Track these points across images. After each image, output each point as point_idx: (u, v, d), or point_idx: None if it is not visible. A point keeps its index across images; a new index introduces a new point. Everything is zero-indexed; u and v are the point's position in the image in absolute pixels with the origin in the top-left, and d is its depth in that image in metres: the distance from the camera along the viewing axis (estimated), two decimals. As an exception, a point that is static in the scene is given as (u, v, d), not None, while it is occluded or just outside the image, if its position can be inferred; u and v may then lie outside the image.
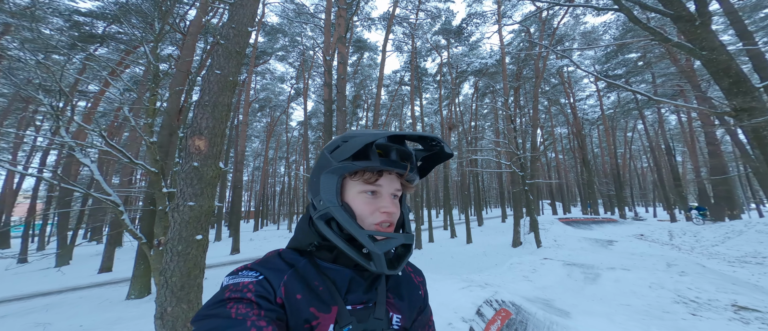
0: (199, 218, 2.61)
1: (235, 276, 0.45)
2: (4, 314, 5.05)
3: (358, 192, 0.49)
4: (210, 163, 2.78)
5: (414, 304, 0.56)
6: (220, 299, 0.41)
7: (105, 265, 8.84)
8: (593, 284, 4.93)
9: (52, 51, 9.00)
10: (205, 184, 2.71)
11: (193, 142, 2.71)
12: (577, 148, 23.27)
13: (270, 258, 0.49)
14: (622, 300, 4.13)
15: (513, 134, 10.16)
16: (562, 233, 11.06)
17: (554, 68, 19.89)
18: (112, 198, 4.55)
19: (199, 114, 2.77)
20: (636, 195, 35.77)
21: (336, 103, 6.15)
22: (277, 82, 22.16)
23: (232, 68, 2.97)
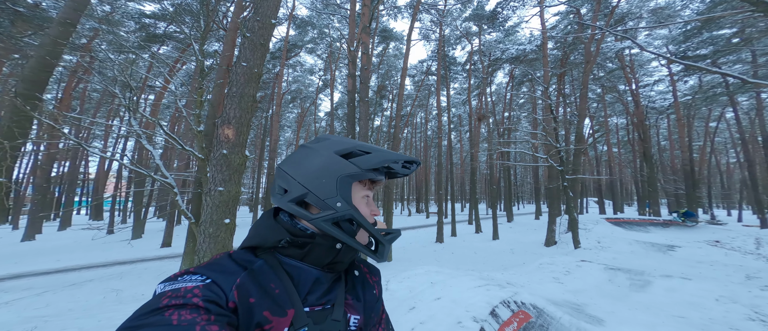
0: (228, 202, 2.85)
1: (173, 282, 0.41)
2: (92, 278, 6.23)
3: (361, 196, 0.53)
4: (237, 151, 3.01)
5: (370, 303, 0.57)
6: (155, 308, 0.36)
7: (166, 240, 10.39)
8: (640, 291, 4.35)
9: (127, 51, 10.56)
10: (233, 170, 2.94)
11: (223, 131, 2.94)
12: (638, 140, 20.17)
13: (218, 260, 0.47)
14: (674, 311, 3.58)
15: (553, 125, 9.18)
16: (609, 234, 9.87)
17: (611, 51, 17.24)
18: (168, 181, 5.27)
19: (228, 104, 2.98)
20: (715, 195, 30.09)
21: (359, 93, 6.18)
22: (306, 74, 23.06)
23: (257, 60, 3.13)
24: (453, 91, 22.88)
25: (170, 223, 10.69)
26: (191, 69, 14.87)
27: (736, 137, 23.79)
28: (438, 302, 2.56)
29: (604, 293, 4.29)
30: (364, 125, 5.88)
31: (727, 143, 28.28)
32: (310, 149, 0.54)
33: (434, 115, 26.43)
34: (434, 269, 3.64)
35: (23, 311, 4.20)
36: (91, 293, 5.15)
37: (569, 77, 17.92)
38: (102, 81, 6.91)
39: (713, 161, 28.18)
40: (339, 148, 0.52)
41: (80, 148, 7.90)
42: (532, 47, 15.72)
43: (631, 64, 19.59)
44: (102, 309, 4.33)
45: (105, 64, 11.26)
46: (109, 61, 6.56)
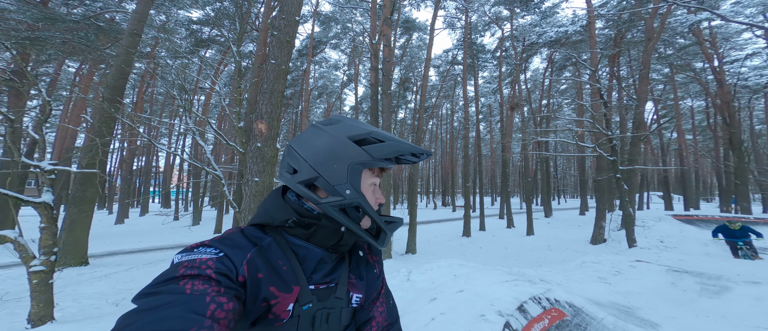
0: (263, 192, 3.11)
1: (189, 253, 0.43)
2: (163, 258, 7.29)
3: (369, 184, 0.54)
4: (269, 144, 3.25)
5: (370, 281, 0.59)
6: (172, 276, 0.38)
7: (217, 227, 11.76)
8: (714, 298, 3.69)
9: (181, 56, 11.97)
10: (266, 162, 3.20)
11: (257, 125, 3.20)
12: (722, 124, 16.78)
13: (231, 235, 0.48)
14: (757, 322, 2.98)
15: (602, 111, 8.09)
16: (676, 232, 8.49)
17: (683, 26, 14.41)
18: (217, 173, 5.93)
19: (261, 101, 3.22)
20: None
21: (381, 86, 6.17)
22: (331, 70, 23.69)
23: (284, 57, 3.31)
24: (482, 79, 21.52)
25: (220, 211, 12.07)
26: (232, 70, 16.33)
27: None
28: (460, 294, 2.49)
29: (664, 296, 3.75)
30: (387, 118, 5.88)
31: None
32: (323, 131, 0.52)
33: (461, 105, 25.19)
34: (458, 262, 3.55)
35: (115, 283, 5.14)
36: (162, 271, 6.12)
37: (625, 58, 15.50)
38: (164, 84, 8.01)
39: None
40: (353, 134, 0.51)
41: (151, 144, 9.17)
42: (576, 28, 13.90)
43: (713, 37, 16.06)
44: None
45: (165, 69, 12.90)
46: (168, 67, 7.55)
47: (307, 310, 0.47)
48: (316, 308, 0.48)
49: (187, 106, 5.78)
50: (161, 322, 0.32)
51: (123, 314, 0.34)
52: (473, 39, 15.69)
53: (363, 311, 0.57)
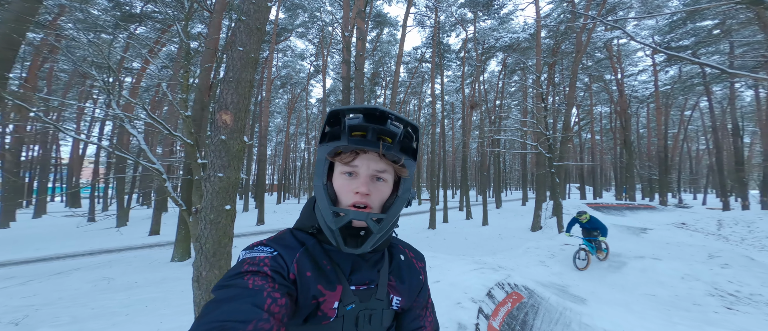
0: (228, 188, 2.81)
1: (251, 251, 0.48)
2: (78, 266, 6.04)
3: (339, 173, 0.51)
4: (235, 137, 2.93)
5: (413, 287, 0.58)
6: (239, 272, 0.43)
7: (154, 228, 10.12)
8: (616, 272, 4.73)
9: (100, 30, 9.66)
10: (232, 156, 2.89)
11: (220, 116, 2.85)
12: (619, 128, 21.08)
13: (283, 235, 0.52)
14: (646, 290, 3.94)
15: (543, 114, 9.39)
16: (589, 219, 10.50)
17: (600, 41, 17.48)
18: (156, 166, 5.07)
19: (225, 90, 2.87)
20: (684, 180, 32.26)
21: (354, 80, 6.04)
22: (297, 60, 22.21)
23: (254, 45, 3.00)
24: (446, 78, 22.76)
25: (158, 210, 10.39)
26: (172, 51, 13.87)
27: (707, 125, 25.21)
28: (437, 284, 2.69)
29: (585, 274, 4.64)
30: None
31: (698, 131, 30.04)
32: None
33: (428, 102, 26.28)
34: (430, 254, 3.79)
35: (9, 299, 4.07)
36: (80, 282, 5.04)
37: (559, 66, 18.14)
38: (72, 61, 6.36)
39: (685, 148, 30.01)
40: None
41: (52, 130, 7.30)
42: (525, 35, 15.68)
43: (619, 54, 20.03)
44: (93, 298, 4.26)
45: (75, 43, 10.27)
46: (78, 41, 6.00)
47: (351, 310, 0.49)
48: (358, 308, 0.50)
49: (111, 89, 4.75)
50: (230, 312, 0.37)
51: (205, 303, 0.41)
52: (440, 38, 16.34)
53: (412, 320, 0.58)
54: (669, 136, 23.38)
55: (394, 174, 0.52)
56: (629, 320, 2.73)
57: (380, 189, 0.50)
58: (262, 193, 12.88)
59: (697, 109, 25.44)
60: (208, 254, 2.64)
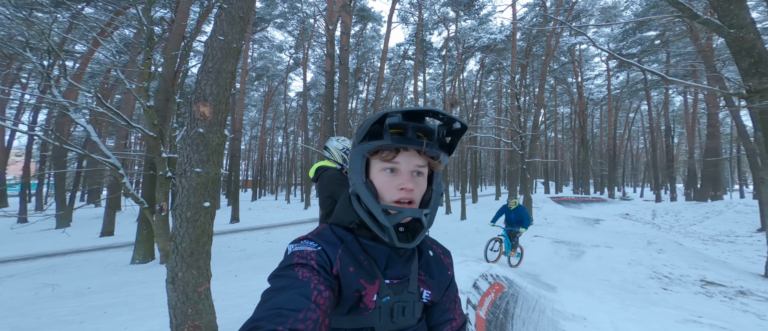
0: (207, 184, 2.62)
1: (298, 244, 0.51)
2: (12, 273, 5.21)
3: (379, 170, 0.52)
4: (215, 130, 2.74)
5: (443, 282, 0.61)
6: (291, 264, 0.46)
7: (106, 229, 9.03)
8: (577, 260, 5.26)
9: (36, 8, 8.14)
10: (211, 151, 2.69)
11: (198, 108, 2.62)
12: (578, 128, 23.22)
13: (324, 231, 0.54)
14: (602, 276, 4.43)
15: (516, 113, 10.00)
16: (553, 211, 11.51)
17: (566, 46, 18.98)
18: (111, 161, 4.50)
19: (203, 80, 2.65)
20: (627, 175, 36.71)
21: (338, 75, 5.87)
22: (275, 51, 21.07)
23: (236, 34, 2.80)
24: (428, 76, 23.15)
25: (111, 209, 9.28)
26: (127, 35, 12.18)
27: (646, 127, 28.87)
28: (427, 279, 2.78)
29: (553, 263, 5.09)
30: (343, 107, 5.66)
31: (638, 132, 34.28)
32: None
33: (410, 99, 26.49)
34: (418, 249, 3.89)
35: None
36: (18, 290, 4.36)
37: (530, 68, 19.37)
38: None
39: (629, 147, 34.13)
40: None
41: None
42: (502, 37, 16.47)
43: (580, 58, 22.00)
44: (36, 306, 3.72)
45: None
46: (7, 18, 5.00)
47: (386, 302, 0.52)
48: (393, 300, 0.52)
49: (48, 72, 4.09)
50: (284, 301, 0.39)
51: (264, 290, 0.43)
52: (424, 36, 16.50)
53: (443, 312, 0.60)
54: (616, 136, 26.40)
55: (428, 168, 0.55)
56: (591, 304, 3.06)
57: (420, 184, 0.53)
58: (236, 189, 12.12)
59: (639, 112, 29.01)
60: (184, 253, 2.45)
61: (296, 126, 32.38)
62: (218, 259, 5.67)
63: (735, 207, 10.42)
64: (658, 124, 23.74)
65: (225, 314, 2.87)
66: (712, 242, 8.11)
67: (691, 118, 19.74)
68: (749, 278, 4.29)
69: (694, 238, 8.61)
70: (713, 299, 3.53)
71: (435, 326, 0.60)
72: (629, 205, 16.55)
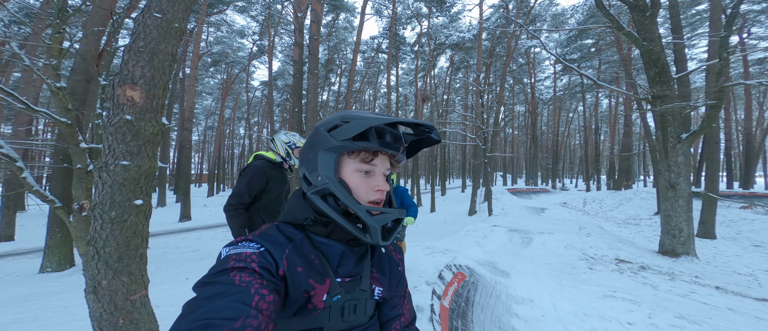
0: (138, 179, 2.27)
1: (235, 247, 0.47)
2: None
3: (353, 170, 0.52)
4: (149, 118, 2.35)
5: (394, 278, 0.62)
6: (224, 268, 0.42)
7: (4, 233, 7.37)
8: (527, 247, 5.83)
9: None
10: (144, 141, 2.32)
11: (124, 91, 2.21)
12: (530, 125, 25.71)
13: (269, 231, 0.51)
14: (545, 260, 4.98)
15: (480, 109, 10.61)
16: (509, 202, 12.62)
17: (523, 48, 20.62)
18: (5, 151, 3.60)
19: (132, 61, 2.24)
20: (566, 169, 42.02)
21: (307, 65, 5.53)
22: (235, 37, 19.11)
23: (179, 12, 2.41)
24: (401, 70, 23.22)
25: (9, 209, 7.57)
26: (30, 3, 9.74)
27: (581, 125, 33.24)
28: (394, 273, 2.79)
29: (508, 251, 5.55)
30: (312, 99, 5.35)
31: (575, 130, 39.37)
32: (314, 129, 0.55)
33: (383, 93, 26.34)
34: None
35: None
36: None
37: (493, 68, 20.73)
38: None
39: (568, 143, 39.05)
40: (326, 122, 0.53)
41: None
42: (470, 36, 17.24)
43: (534, 61, 24.22)
44: None
45: None
46: None
47: (337, 301, 0.51)
48: (344, 299, 0.52)
49: None
50: (216, 310, 0.35)
51: (186, 302, 0.38)
52: (397, 30, 16.45)
53: (392, 308, 0.61)
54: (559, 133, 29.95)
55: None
56: (537, 286, 3.40)
57: (387, 185, 0.55)
58: (187, 184, 10.80)
59: (576, 112, 33.28)
60: (109, 259, 2.12)
61: (260, 117, 30.04)
62: (165, 261, 5.02)
63: (640, 195, 12.57)
64: (590, 124, 27.45)
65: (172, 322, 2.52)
66: (625, 224, 9.73)
67: (613, 119, 23.33)
68: (648, 255, 5.19)
69: (612, 222, 10.22)
70: (624, 274, 4.17)
71: (384, 322, 0.60)
72: (567, 195, 18.94)
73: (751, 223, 7.70)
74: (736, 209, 9.43)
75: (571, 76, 24.11)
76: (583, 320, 2.49)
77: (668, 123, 5.10)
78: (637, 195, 12.55)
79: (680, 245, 5.09)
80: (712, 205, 6.96)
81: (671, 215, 5.15)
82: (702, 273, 4.33)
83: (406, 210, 0.64)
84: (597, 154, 23.31)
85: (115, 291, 2.13)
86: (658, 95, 5.10)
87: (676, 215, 5.08)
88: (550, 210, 11.49)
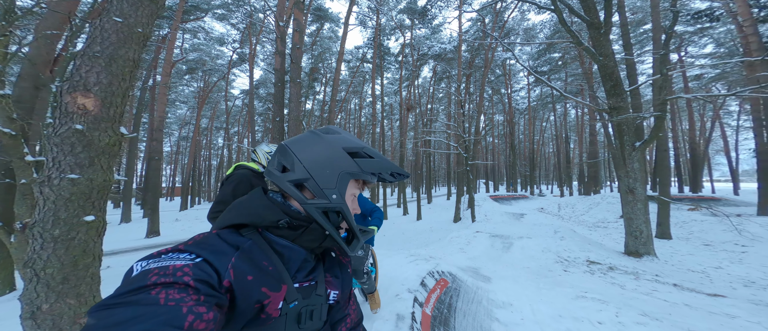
0: (89, 194, 2.09)
1: (157, 260, 0.39)
2: None
3: (351, 194, 0.57)
4: (104, 127, 2.19)
5: (346, 281, 0.63)
6: (141, 285, 0.34)
7: None
8: (507, 251, 5.96)
9: None
10: (97, 152, 2.15)
11: (75, 99, 2.06)
12: (508, 134, 26.91)
13: (207, 239, 0.46)
14: (524, 264, 5.10)
15: (461, 118, 10.97)
16: (491, 208, 12.95)
17: (499, 60, 21.84)
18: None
19: (85, 66, 2.11)
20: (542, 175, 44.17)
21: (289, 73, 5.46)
22: (214, 44, 18.66)
23: (142, 17, 2.33)
24: (386, 80, 23.62)
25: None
26: None
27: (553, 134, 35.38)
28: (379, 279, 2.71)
29: (489, 256, 5.63)
30: (295, 108, 5.26)
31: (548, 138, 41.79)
32: (321, 138, 0.56)
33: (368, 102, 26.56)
34: (369, 252, 3.81)
35: None
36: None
37: (473, 78, 21.71)
38: None
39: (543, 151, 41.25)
40: (348, 146, 0.56)
41: None
42: (451, 47, 18.03)
43: (509, 72, 25.67)
44: None
45: None
46: None
47: (294, 308, 0.49)
48: (301, 305, 0.50)
49: None
50: None
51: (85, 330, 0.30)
52: (381, 40, 16.84)
53: (338, 310, 0.62)
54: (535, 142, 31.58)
55: None
56: (517, 290, 3.45)
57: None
58: (156, 197, 10.05)
59: (548, 122, 35.43)
60: (52, 281, 1.92)
61: (241, 126, 29.02)
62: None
63: (607, 199, 13.37)
64: (561, 133, 29.26)
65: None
66: (594, 227, 10.26)
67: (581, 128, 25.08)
68: (615, 256, 5.47)
69: (583, 225, 10.75)
70: (594, 275, 4.34)
71: (332, 325, 0.60)
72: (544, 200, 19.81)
73: (700, 224, 8.38)
74: (686, 210, 10.27)
75: (542, 87, 25.76)
76: (559, 321, 2.54)
77: (624, 132, 5.52)
78: (604, 200, 13.34)
79: (642, 245, 5.42)
80: (666, 208, 7.50)
81: (632, 217, 5.50)
82: (661, 272, 4.62)
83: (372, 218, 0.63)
84: (568, 161, 24.75)
85: (59, 315, 1.91)
86: (615, 107, 5.54)
87: (636, 217, 5.43)
88: (529, 215, 11.91)
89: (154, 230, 9.72)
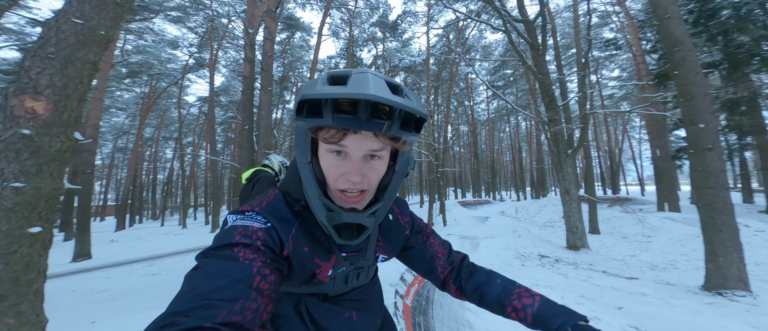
0: (35, 204, 1.90)
1: (243, 217, 0.44)
2: None
3: (325, 151, 0.43)
4: (56, 133, 2.02)
5: (400, 243, 0.61)
6: (230, 242, 0.39)
7: None
8: (476, 250, 6.44)
9: None
10: (46, 159, 1.98)
11: (22, 102, 1.89)
12: (472, 143, 29.02)
13: (275, 203, 0.47)
14: (490, 261, 5.57)
15: (431, 128, 11.62)
16: (460, 213, 13.74)
17: (463, 74, 23.75)
18: None
19: (36, 68, 1.95)
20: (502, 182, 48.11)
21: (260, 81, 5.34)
22: (164, 47, 17.00)
23: (106, 20, 2.24)
24: None
25: None
26: None
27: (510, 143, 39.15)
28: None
29: (460, 253, 6.01)
30: (266, 116, 5.12)
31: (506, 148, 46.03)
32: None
33: None
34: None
35: None
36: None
37: (441, 90, 23.20)
38: None
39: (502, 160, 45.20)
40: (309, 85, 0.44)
41: None
42: (419, 60, 19.10)
43: (471, 86, 28.01)
44: None
45: None
46: None
47: (342, 273, 0.53)
48: (348, 270, 0.53)
49: None
50: (217, 290, 0.33)
51: (188, 274, 0.36)
52: (354, 51, 17.10)
53: (423, 251, 0.62)
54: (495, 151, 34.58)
55: (391, 147, 0.44)
56: (485, 285, 3.79)
57: (375, 169, 0.43)
58: (87, 216, 8.63)
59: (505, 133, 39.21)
60: None
61: (197, 136, 26.46)
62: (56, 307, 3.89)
63: (553, 202, 15.14)
64: (515, 143, 32.50)
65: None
66: (544, 226, 11.56)
67: (531, 138, 28.33)
68: (560, 250, 6.32)
69: (535, 225, 12.04)
70: (545, 267, 4.97)
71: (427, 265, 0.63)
72: (504, 205, 21.62)
73: (619, 220, 9.99)
74: (605, 208, 12.18)
75: (499, 100, 28.54)
76: (518, 307, 2.89)
77: (560, 141, 6.50)
78: (551, 202, 15.09)
79: (578, 239, 6.34)
80: (594, 207, 8.88)
81: (569, 215, 6.41)
82: (594, 261, 5.47)
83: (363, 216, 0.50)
84: (521, 168, 27.49)
85: (-7, 334, 1.66)
86: (551, 119, 6.52)
87: (573, 215, 6.35)
88: (492, 218, 12.94)
89: (83, 252, 8.28)
